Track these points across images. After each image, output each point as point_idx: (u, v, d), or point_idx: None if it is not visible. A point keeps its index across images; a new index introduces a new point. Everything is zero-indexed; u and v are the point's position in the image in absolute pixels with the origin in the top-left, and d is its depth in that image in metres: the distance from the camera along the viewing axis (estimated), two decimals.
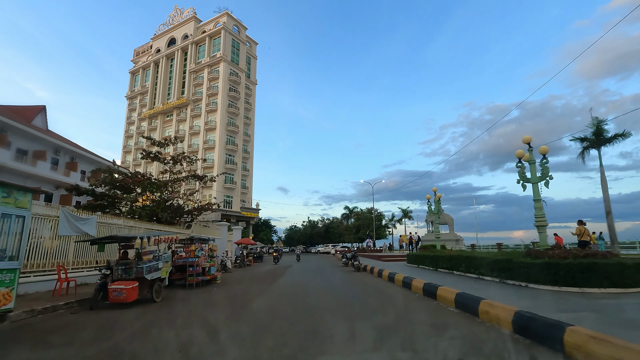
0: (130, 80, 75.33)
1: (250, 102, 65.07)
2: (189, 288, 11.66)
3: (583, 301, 6.66)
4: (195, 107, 60.90)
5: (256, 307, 8.14)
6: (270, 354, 4.35)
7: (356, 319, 6.48)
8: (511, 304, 5.73)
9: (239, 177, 59.26)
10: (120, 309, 7.88)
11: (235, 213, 56.93)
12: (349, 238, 48.28)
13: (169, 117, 65.42)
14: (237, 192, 58.21)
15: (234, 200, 57.58)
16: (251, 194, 62.93)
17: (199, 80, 61.17)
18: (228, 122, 58.43)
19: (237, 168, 58.56)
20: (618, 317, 5.37)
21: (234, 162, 58.14)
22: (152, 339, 5.33)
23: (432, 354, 4.18)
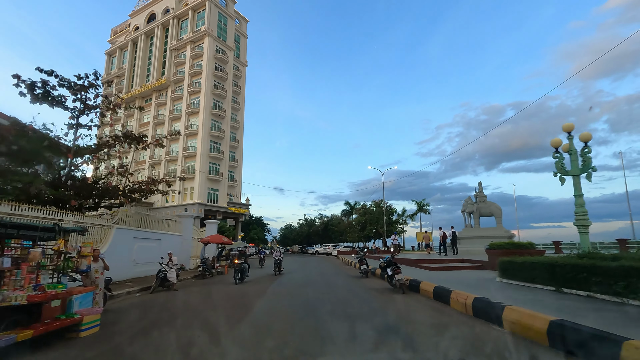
0: (106, 62, 67.84)
1: (239, 85, 57.99)
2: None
3: None
4: (176, 89, 53.69)
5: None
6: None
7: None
8: None
9: (226, 168, 52.16)
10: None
11: (222, 208, 49.84)
12: (353, 237, 41.47)
13: (147, 102, 58.10)
14: (223, 185, 51.10)
15: (220, 194, 50.48)
16: (240, 187, 55.89)
17: (181, 59, 53.97)
18: (214, 105, 51.31)
19: (223, 158, 51.45)
20: None
21: (220, 151, 51.02)
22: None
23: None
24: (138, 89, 57.39)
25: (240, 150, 56.90)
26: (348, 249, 36.61)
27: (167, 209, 49.15)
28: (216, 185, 50.07)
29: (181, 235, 19.82)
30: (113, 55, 66.71)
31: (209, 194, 49.08)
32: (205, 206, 47.30)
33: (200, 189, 47.13)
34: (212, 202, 49.27)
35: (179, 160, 50.11)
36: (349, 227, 44.66)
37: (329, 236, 54.56)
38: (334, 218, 56.23)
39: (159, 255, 14.58)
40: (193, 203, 46.54)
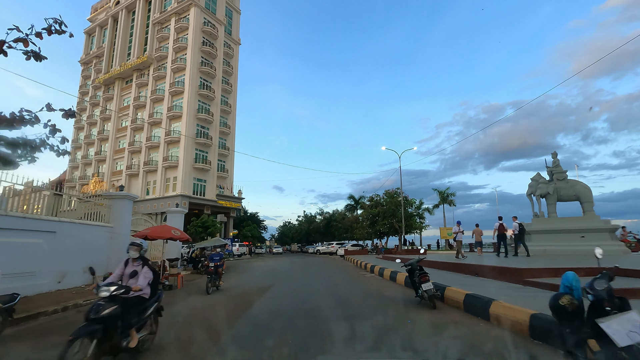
0: (85, 41, 61.50)
1: (231, 64, 51.76)
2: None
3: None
4: (159, 67, 47.45)
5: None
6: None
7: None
8: None
9: (215, 156, 45.98)
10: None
11: (210, 202, 43.70)
12: (361, 233, 35.38)
13: (127, 83, 51.86)
14: (212, 175, 44.94)
15: (208, 186, 44.33)
16: (232, 179, 49.73)
17: (165, 33, 47.70)
18: (201, 85, 45.10)
19: (212, 144, 45.27)
20: None
21: (208, 136, 44.83)
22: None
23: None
24: (117, 69, 51.11)
25: (232, 137, 50.72)
26: (357, 248, 30.61)
27: (148, 202, 43.05)
28: (203, 175, 43.91)
29: (111, 228, 13.62)
30: (92, 35, 60.40)
31: (195, 185, 42.94)
32: (191, 199, 41.17)
33: (184, 179, 40.98)
34: (199, 194, 43.12)
35: (161, 146, 43.91)
36: (356, 222, 38.53)
37: (332, 233, 48.50)
38: (337, 213, 50.17)
39: (51, 258, 8.46)
40: (176, 195, 40.41)
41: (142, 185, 44.74)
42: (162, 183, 42.86)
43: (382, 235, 31.85)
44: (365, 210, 34.46)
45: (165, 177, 43.07)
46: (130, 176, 46.63)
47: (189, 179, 41.68)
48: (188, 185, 41.47)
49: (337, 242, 37.25)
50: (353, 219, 40.29)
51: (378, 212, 29.00)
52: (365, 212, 33.48)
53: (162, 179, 42.91)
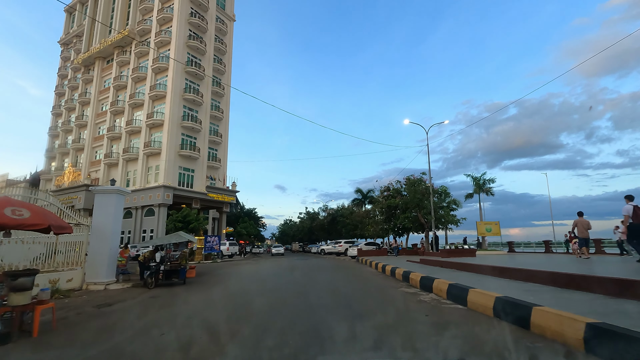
0: (65, 20, 56.05)
1: (224, 42, 46.15)
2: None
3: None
4: (142, 42, 41.85)
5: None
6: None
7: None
8: None
9: (205, 143, 40.42)
10: None
11: (199, 194, 38.17)
12: (374, 230, 29.75)
13: (109, 62, 46.32)
14: (201, 164, 39.39)
15: (196, 176, 38.79)
16: (225, 169, 44.19)
17: (148, 4, 42.12)
18: (189, 61, 39.54)
19: (202, 129, 39.71)
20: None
21: (197, 120, 39.26)
22: None
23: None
24: (97, 46, 45.55)
25: (225, 123, 45.17)
26: (372, 248, 25.01)
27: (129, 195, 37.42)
28: (191, 164, 38.37)
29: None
30: (73, 12, 54.86)
31: (181, 175, 37.39)
32: (175, 190, 35.63)
33: (167, 168, 35.43)
34: (185, 185, 37.58)
35: (143, 131, 38.37)
36: (367, 217, 32.91)
37: (337, 231, 42.89)
38: (343, 208, 44.45)
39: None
40: (158, 186, 34.88)
41: (122, 175, 39.25)
42: (143, 173, 37.34)
43: (402, 232, 26.23)
44: (379, 202, 28.78)
45: (146, 166, 37.55)
46: (110, 166, 41.14)
47: (173, 167, 36.14)
48: (172, 174, 35.93)
49: (345, 241, 31.66)
50: (364, 213, 34.70)
51: (398, 203, 23.31)
52: (380, 205, 27.82)
53: (143, 168, 37.39)
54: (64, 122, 49.01)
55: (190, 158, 38.02)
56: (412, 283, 9.23)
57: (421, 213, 22.33)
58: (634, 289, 5.25)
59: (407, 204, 22.70)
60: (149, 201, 35.24)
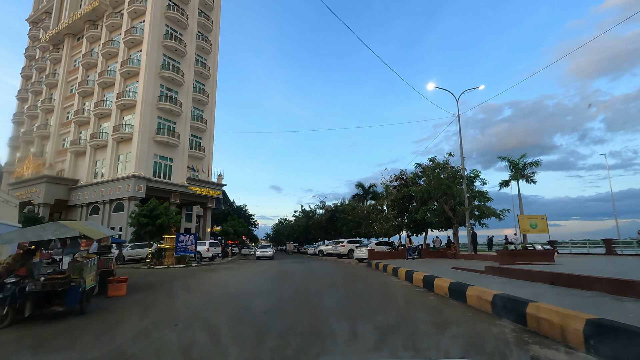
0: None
1: (210, 17, 41.14)
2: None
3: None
4: (114, 14, 36.68)
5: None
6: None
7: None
8: None
9: (186, 129, 35.35)
10: None
11: (178, 187, 33.11)
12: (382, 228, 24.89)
13: (79, 40, 41.04)
14: (180, 153, 34.30)
15: (175, 167, 33.71)
16: (210, 160, 39.14)
17: None
18: (167, 34, 34.47)
19: (182, 113, 34.64)
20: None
21: (177, 102, 34.17)
22: None
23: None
24: (66, 22, 40.27)
25: (211, 109, 40.16)
26: (385, 248, 20.03)
27: (94, 188, 32.40)
28: (169, 151, 33.27)
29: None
30: None
31: (157, 164, 32.28)
32: (149, 182, 30.54)
33: (139, 155, 30.32)
34: (162, 176, 32.47)
35: (113, 113, 33.21)
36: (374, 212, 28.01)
37: (337, 229, 37.95)
38: (344, 204, 39.48)
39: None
40: (128, 176, 29.76)
41: (90, 165, 34.07)
42: (112, 161, 32.18)
43: (420, 228, 21.32)
44: (389, 194, 23.89)
45: (116, 154, 32.39)
46: (77, 154, 35.89)
47: (147, 155, 31.02)
48: (146, 163, 30.81)
49: (349, 240, 26.71)
50: (368, 208, 29.82)
51: (419, 191, 18.32)
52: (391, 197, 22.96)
53: (112, 156, 32.23)
54: (30, 107, 43.59)
55: (168, 145, 32.91)
56: (543, 328, 4.30)
57: (448, 204, 17.50)
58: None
59: (429, 193, 17.83)
60: (118, 194, 30.11)
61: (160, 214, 21.18)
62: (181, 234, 21.81)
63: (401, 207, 22.41)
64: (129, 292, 8.79)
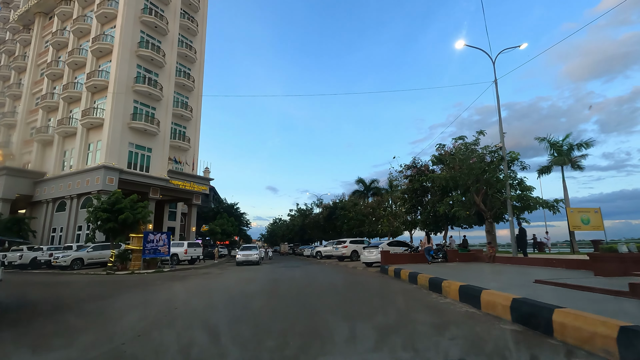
0: None
1: None
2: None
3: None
4: None
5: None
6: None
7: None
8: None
9: (167, 116, 31.54)
10: None
11: (158, 181, 29.30)
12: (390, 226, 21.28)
13: (50, 19, 37.05)
14: (160, 142, 30.50)
15: (154, 158, 29.90)
16: (196, 152, 35.38)
17: None
18: (145, 8, 30.66)
19: (162, 98, 30.85)
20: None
21: (157, 85, 30.36)
22: None
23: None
24: None
25: (197, 96, 36.41)
26: (401, 250, 16.27)
27: (61, 181, 28.51)
28: (147, 140, 29.44)
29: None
30: None
31: (133, 154, 28.43)
32: (123, 173, 26.69)
33: (111, 143, 26.48)
34: (139, 168, 28.64)
35: (83, 96, 29.34)
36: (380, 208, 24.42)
37: (337, 228, 34.31)
38: (344, 201, 35.77)
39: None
40: (97, 167, 25.90)
41: (57, 156, 30.14)
42: (81, 151, 28.30)
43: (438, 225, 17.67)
44: (394, 190, 20.29)
45: (86, 142, 28.52)
46: (44, 144, 31.93)
47: (120, 143, 27.16)
48: (119, 152, 26.95)
49: (352, 240, 22.96)
50: (373, 204, 26.22)
51: (444, 179, 14.60)
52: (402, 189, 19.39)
53: (81, 145, 28.35)
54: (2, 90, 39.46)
55: (145, 133, 29.07)
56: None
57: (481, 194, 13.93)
58: None
59: (455, 180, 14.26)
60: (86, 187, 26.23)
61: (123, 208, 17.39)
62: (151, 233, 18.03)
63: (415, 201, 18.84)
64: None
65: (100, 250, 20.05)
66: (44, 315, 6.15)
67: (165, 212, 35.43)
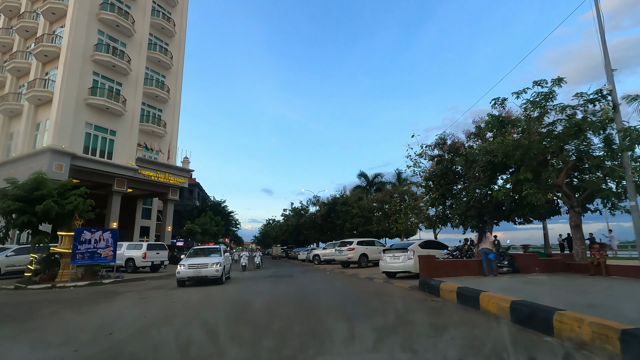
0: None
1: None
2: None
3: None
4: None
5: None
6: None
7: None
8: None
9: (137, 95, 26.59)
10: None
11: (123, 170, 24.31)
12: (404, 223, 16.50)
13: None
14: (128, 125, 25.55)
15: (119, 142, 24.92)
16: (174, 140, 30.44)
17: None
18: None
19: (130, 72, 25.91)
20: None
21: (123, 56, 25.42)
22: None
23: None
24: None
25: (176, 77, 31.56)
26: (440, 251, 11.54)
27: (6, 167, 23.37)
28: (110, 121, 24.46)
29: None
30: None
31: (90, 137, 23.43)
32: (76, 159, 21.65)
33: (61, 122, 21.47)
34: (99, 154, 23.63)
35: (33, 67, 24.34)
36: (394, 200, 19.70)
37: (336, 227, 29.43)
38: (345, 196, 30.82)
39: None
40: (44, 150, 20.87)
41: (2, 138, 25.03)
42: (28, 132, 23.24)
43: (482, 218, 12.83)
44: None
45: (33, 121, 23.47)
46: None
47: (74, 122, 22.15)
48: (72, 134, 21.94)
49: (360, 241, 17.71)
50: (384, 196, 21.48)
51: (506, 148, 9.61)
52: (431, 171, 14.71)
53: (28, 125, 23.29)
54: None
55: (107, 112, 24.10)
56: None
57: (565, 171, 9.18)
58: None
59: (525, 151, 9.37)
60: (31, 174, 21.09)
61: (45, 195, 12.47)
62: (86, 230, 13.06)
63: (444, 189, 14.14)
64: None
65: (27, 254, 15.07)
66: None
67: (137, 209, 30.41)
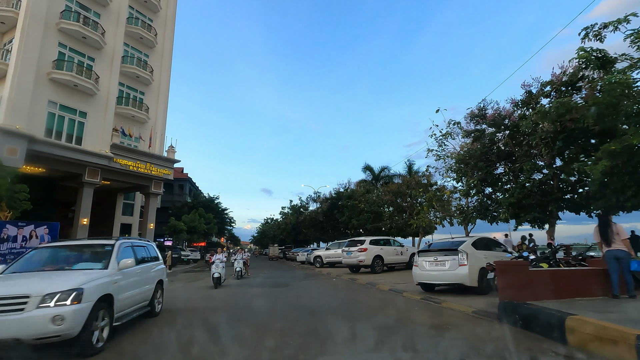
0: None
1: None
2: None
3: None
4: None
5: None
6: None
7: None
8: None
9: (113, 72, 23.20)
10: None
11: (97, 159, 20.86)
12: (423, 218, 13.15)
13: None
14: (102, 107, 22.17)
15: (91, 126, 21.53)
16: (161, 126, 27.11)
17: None
18: None
19: (104, 46, 22.55)
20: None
21: (96, 27, 22.05)
22: None
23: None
24: None
25: (161, 56, 28.24)
26: (509, 256, 8.35)
27: None
28: (79, 101, 21.06)
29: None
30: None
31: (54, 117, 20.03)
32: (36, 143, 18.23)
33: (15, 97, 18.05)
34: (65, 138, 20.24)
35: None
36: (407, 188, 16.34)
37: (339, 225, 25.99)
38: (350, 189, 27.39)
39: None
40: None
41: None
42: None
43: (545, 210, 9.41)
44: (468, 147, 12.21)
45: None
46: None
47: (32, 99, 18.75)
48: (29, 112, 18.54)
49: (373, 240, 14.15)
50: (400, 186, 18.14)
51: (600, 106, 6.45)
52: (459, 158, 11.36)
53: None
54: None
55: (76, 90, 20.73)
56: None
57: None
58: None
59: (619, 111, 6.18)
60: None
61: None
62: (10, 224, 9.70)
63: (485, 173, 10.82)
64: None
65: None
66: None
67: (118, 204, 27.14)
